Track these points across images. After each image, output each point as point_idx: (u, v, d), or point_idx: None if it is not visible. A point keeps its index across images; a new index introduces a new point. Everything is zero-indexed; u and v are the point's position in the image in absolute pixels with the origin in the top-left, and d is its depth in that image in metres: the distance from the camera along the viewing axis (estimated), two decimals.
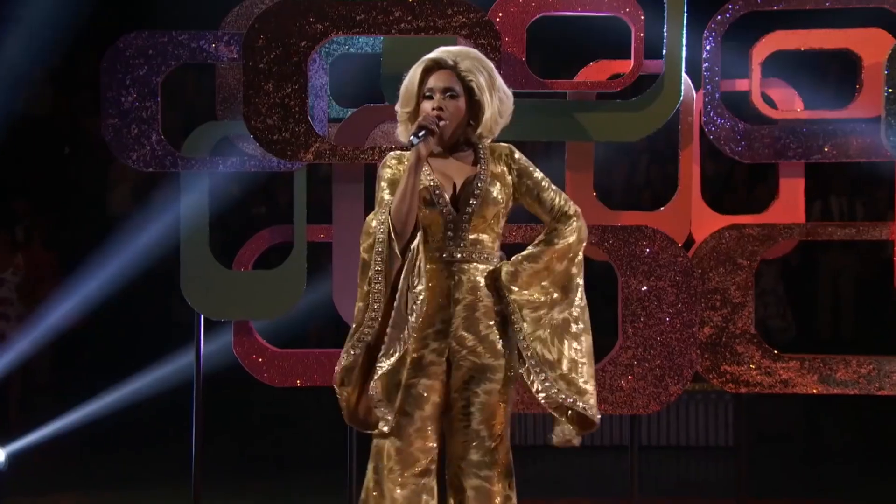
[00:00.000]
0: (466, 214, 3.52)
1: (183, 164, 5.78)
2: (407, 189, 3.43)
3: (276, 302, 5.78)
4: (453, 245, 3.51)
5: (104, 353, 8.63)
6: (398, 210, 3.43)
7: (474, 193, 3.52)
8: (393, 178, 3.51)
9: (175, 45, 5.76)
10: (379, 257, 3.42)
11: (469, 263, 3.52)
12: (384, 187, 3.50)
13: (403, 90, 3.54)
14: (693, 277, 5.71)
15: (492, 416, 3.53)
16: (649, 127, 5.79)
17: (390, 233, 3.41)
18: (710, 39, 5.82)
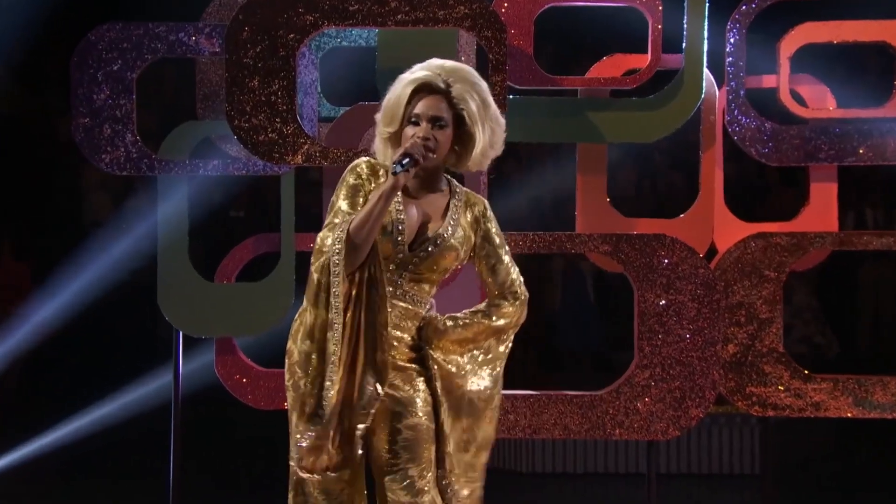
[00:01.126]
0: (418, 258, 3.51)
1: (160, 167, 5.77)
2: (373, 214, 3.40)
3: (261, 317, 5.76)
4: (390, 279, 3.49)
5: (77, 372, 8.62)
6: (358, 231, 3.41)
7: (435, 242, 3.51)
8: (356, 186, 3.48)
9: (152, 37, 5.75)
10: (337, 279, 3.39)
11: (400, 301, 3.51)
12: (343, 195, 3.48)
13: (388, 106, 3.50)
14: (716, 291, 5.69)
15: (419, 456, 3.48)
16: (668, 127, 5.77)
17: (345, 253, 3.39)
18: (735, 32, 5.80)
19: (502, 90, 5.47)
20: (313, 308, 3.44)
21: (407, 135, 3.48)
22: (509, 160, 8.63)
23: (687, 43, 5.70)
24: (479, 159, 3.54)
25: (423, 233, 3.52)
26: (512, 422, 5.66)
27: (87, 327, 8.33)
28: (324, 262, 3.41)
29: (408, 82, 3.49)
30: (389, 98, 3.50)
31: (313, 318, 3.44)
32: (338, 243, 3.40)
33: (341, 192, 3.50)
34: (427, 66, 3.53)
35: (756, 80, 5.92)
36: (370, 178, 3.51)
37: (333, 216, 3.47)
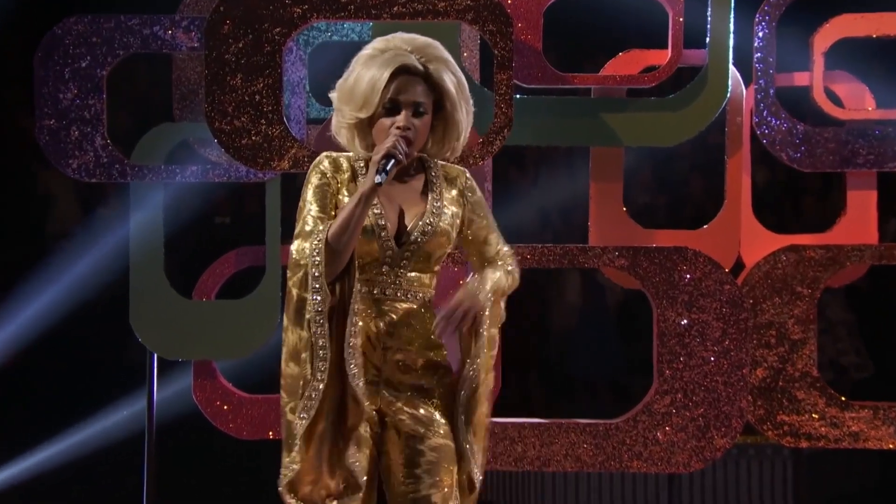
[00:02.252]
0: (409, 251, 3.49)
1: (133, 173, 5.78)
2: (353, 218, 3.36)
3: (244, 338, 5.77)
4: (387, 281, 3.49)
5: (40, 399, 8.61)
6: (337, 239, 3.39)
7: (423, 230, 3.50)
8: (322, 187, 3.46)
9: (124, 31, 5.77)
10: (318, 295, 3.36)
11: (403, 303, 3.51)
12: (311, 198, 3.45)
13: (359, 89, 3.41)
14: (743, 309, 5.70)
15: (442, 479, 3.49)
16: (690, 129, 5.79)
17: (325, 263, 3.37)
18: (764, 25, 5.82)
19: (508, 89, 5.49)
20: (295, 327, 3.43)
21: (384, 126, 3.45)
22: (516, 166, 8.64)
23: (711, 37, 5.72)
24: (458, 146, 3.55)
25: (406, 223, 3.51)
26: (519, 453, 5.67)
27: (51, 350, 8.33)
28: (302, 276, 3.40)
29: (383, 63, 3.44)
30: (359, 79, 3.44)
31: (296, 338, 3.43)
32: (316, 254, 3.39)
33: (307, 194, 3.48)
34: (396, 44, 3.49)
35: (787, 77, 5.94)
36: (335, 175, 3.49)
37: (304, 223, 3.45)
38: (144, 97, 9.13)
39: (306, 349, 3.40)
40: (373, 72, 3.47)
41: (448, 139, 3.54)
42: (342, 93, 3.52)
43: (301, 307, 3.41)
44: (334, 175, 3.51)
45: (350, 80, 3.51)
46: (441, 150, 3.55)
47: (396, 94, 3.46)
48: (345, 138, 3.54)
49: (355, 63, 3.52)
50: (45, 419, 7.85)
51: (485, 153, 5.49)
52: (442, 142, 3.55)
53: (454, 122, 3.51)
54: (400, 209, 3.51)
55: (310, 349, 3.40)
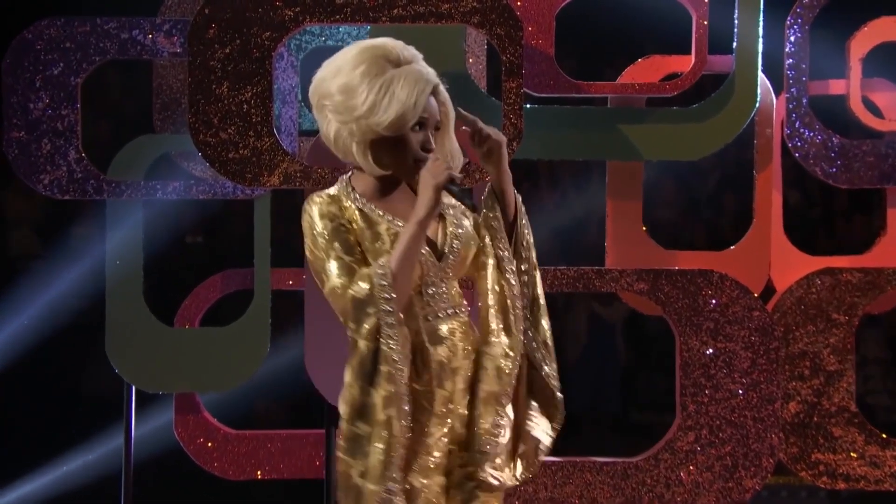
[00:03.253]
0: (447, 264, 3.56)
1: (110, 189, 5.79)
2: (415, 246, 3.43)
3: (231, 369, 5.77)
4: (434, 301, 3.55)
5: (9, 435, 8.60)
6: (404, 269, 3.43)
7: (456, 236, 3.57)
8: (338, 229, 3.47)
9: (100, 35, 5.78)
10: (395, 343, 3.41)
11: (453, 321, 3.56)
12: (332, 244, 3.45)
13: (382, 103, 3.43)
14: (774, 338, 5.69)
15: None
16: (716, 142, 5.79)
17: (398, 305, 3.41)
18: (796, 28, 5.83)
19: (518, 98, 5.50)
20: (360, 382, 3.44)
21: (413, 141, 3.51)
22: (526, 181, 8.64)
23: (738, 41, 5.73)
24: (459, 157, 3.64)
25: (438, 235, 3.58)
26: (530, 494, 5.66)
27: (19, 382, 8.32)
28: (374, 323, 3.41)
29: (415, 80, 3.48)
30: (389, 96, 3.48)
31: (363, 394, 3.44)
32: (387, 293, 3.40)
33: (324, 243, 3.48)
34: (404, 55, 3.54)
35: (821, 85, 5.94)
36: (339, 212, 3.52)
37: (337, 271, 3.45)
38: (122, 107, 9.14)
39: (390, 405, 3.41)
40: (408, 89, 3.50)
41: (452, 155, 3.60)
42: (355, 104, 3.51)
43: (376, 361, 3.43)
44: (340, 214, 3.53)
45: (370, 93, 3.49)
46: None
47: (424, 113, 3.52)
48: (357, 154, 3.53)
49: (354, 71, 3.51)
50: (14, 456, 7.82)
51: None
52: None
53: (451, 139, 3.59)
54: None
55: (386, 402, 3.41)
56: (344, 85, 3.52)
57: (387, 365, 3.42)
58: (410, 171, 3.53)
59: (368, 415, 3.44)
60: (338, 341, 5.93)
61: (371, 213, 3.53)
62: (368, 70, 3.50)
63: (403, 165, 3.52)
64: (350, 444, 3.46)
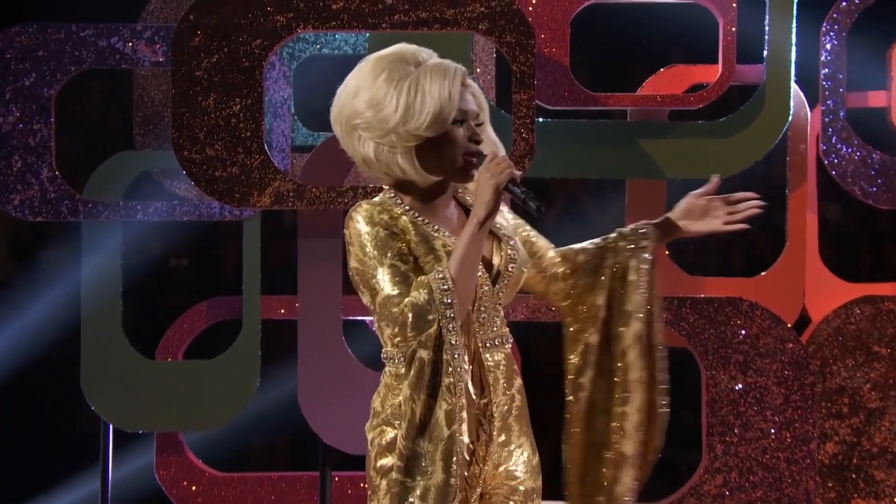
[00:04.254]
0: (504, 285, 3.56)
1: (86, 210, 5.78)
2: (470, 251, 3.42)
3: (218, 405, 5.76)
4: (484, 329, 3.55)
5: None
6: (465, 278, 3.43)
7: (512, 259, 3.57)
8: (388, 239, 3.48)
9: (76, 43, 5.78)
10: (458, 352, 3.41)
11: (500, 351, 3.57)
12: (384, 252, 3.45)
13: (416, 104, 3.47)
14: (809, 372, 5.68)
15: None
16: (745, 159, 5.79)
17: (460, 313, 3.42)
18: (832, 35, 5.83)
19: (530, 111, 5.50)
20: (428, 397, 3.42)
21: (457, 136, 3.51)
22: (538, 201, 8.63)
23: (769, 49, 5.73)
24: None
25: (487, 257, 3.57)
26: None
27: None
28: (435, 334, 3.41)
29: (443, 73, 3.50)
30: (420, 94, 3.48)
31: (426, 409, 3.43)
32: (448, 302, 3.41)
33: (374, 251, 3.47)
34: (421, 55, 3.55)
35: (860, 97, 5.94)
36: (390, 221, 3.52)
37: (392, 281, 3.45)
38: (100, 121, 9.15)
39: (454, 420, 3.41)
40: (439, 83, 3.51)
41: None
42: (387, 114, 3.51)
43: (436, 371, 3.43)
44: (391, 222, 3.51)
45: (400, 97, 3.50)
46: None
47: (463, 105, 3.53)
48: (404, 165, 3.52)
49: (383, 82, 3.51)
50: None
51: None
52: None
53: (488, 136, 3.58)
54: None
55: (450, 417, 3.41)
56: (370, 99, 3.53)
57: (449, 376, 3.42)
58: (464, 171, 3.52)
59: (431, 431, 3.43)
60: (334, 375, 5.92)
61: (424, 227, 3.52)
62: (390, 76, 3.51)
63: (454, 165, 3.51)
64: (409, 463, 3.43)
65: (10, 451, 8.51)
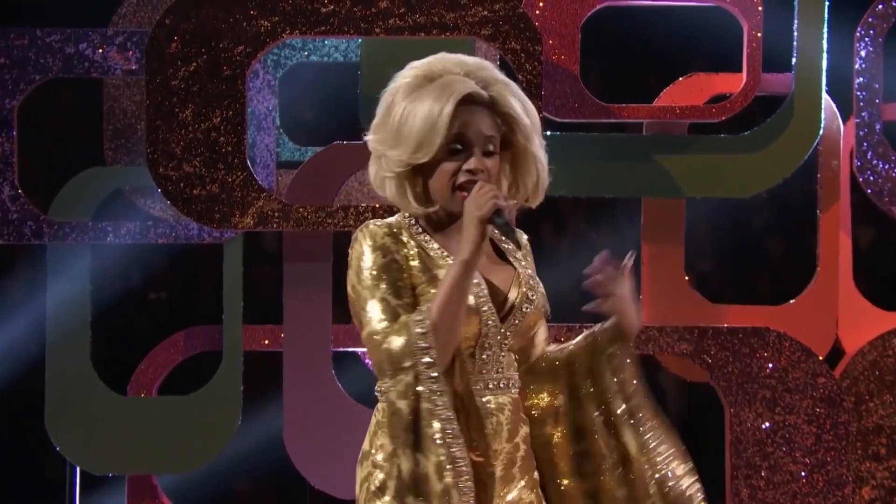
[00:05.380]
0: (514, 326, 3.56)
1: (51, 232, 5.78)
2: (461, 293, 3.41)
3: (195, 445, 5.75)
4: (487, 369, 3.56)
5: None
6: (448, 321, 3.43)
7: (527, 297, 3.57)
8: (389, 264, 3.49)
9: (41, 49, 5.79)
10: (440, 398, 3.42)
11: (504, 396, 3.57)
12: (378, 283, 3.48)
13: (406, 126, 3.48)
14: (843, 409, 5.67)
15: None
16: (772, 176, 5.79)
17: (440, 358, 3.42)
18: (868, 41, 5.84)
19: None
20: (412, 451, 3.43)
21: (447, 170, 3.50)
22: (546, 222, 8.65)
23: (798, 57, 5.74)
24: (535, 189, 3.59)
25: (501, 292, 3.57)
26: None
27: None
28: (410, 382, 3.44)
29: (442, 92, 3.49)
30: (410, 115, 3.49)
31: (412, 464, 3.43)
32: (424, 347, 3.42)
33: (369, 280, 3.49)
34: (444, 67, 3.55)
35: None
36: (395, 247, 3.54)
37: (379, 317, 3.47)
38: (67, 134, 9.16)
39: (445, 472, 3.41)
40: (429, 104, 3.50)
41: (524, 182, 3.57)
42: (384, 135, 3.53)
43: (416, 422, 3.43)
44: (396, 249, 3.53)
45: (394, 117, 3.52)
46: (513, 198, 3.60)
47: (464, 129, 3.50)
48: (393, 191, 3.55)
49: (394, 95, 3.54)
50: None
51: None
52: (516, 186, 3.58)
53: (530, 159, 3.55)
54: (483, 279, 3.56)
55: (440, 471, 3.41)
56: (379, 116, 3.56)
57: (434, 426, 3.43)
58: (457, 203, 3.52)
59: (421, 487, 3.43)
60: (323, 412, 5.92)
61: (433, 254, 3.53)
62: (404, 94, 3.53)
63: (445, 197, 3.51)
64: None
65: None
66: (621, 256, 3.77)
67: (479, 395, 3.55)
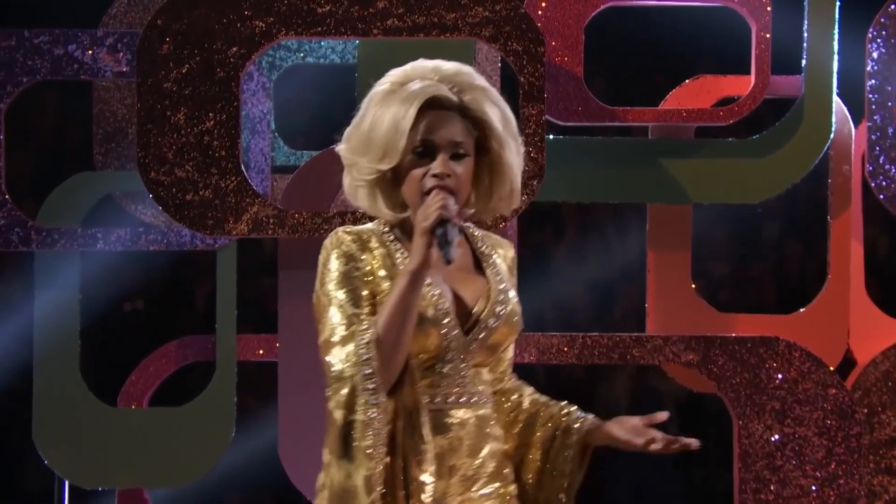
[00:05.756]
0: (478, 340, 3.57)
1: (39, 238, 5.78)
2: (407, 306, 3.43)
3: (188, 458, 5.74)
4: (447, 384, 3.56)
5: None
6: (392, 334, 3.45)
7: (495, 310, 3.57)
8: (349, 273, 3.53)
9: (28, 50, 5.79)
10: (376, 411, 3.44)
11: (466, 410, 3.57)
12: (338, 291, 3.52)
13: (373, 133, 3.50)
14: (855, 421, 5.67)
15: None
16: (781, 181, 5.79)
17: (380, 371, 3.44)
18: (880, 42, 5.83)
19: (539, 128, 5.50)
20: (342, 460, 3.49)
21: (415, 177, 3.52)
22: (548, 228, 8.65)
23: (808, 58, 5.73)
24: (508, 197, 3.60)
25: (468, 304, 3.58)
26: None
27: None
28: (349, 392, 3.46)
29: (406, 98, 3.52)
30: (376, 122, 3.51)
31: (344, 475, 3.48)
32: (366, 359, 3.45)
33: (329, 286, 3.53)
34: (417, 73, 3.57)
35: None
36: (362, 256, 3.56)
37: (335, 325, 3.50)
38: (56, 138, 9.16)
39: (373, 488, 3.44)
40: (394, 109, 3.52)
41: (497, 189, 3.58)
42: (354, 143, 3.55)
43: (348, 433, 3.47)
44: (360, 253, 3.55)
45: (364, 124, 3.55)
46: (488, 205, 3.60)
47: (428, 134, 3.52)
48: (365, 200, 3.58)
49: (368, 103, 3.57)
50: None
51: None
52: (489, 193, 3.59)
53: (504, 166, 3.55)
54: (452, 289, 3.57)
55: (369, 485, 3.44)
56: (352, 125, 3.57)
57: (366, 439, 3.45)
58: None
59: (349, 500, 3.47)
60: (319, 424, 5.90)
61: (399, 261, 3.55)
62: (376, 101, 3.56)
63: (416, 203, 3.52)
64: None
65: None
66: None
67: (437, 409, 3.55)
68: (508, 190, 3.58)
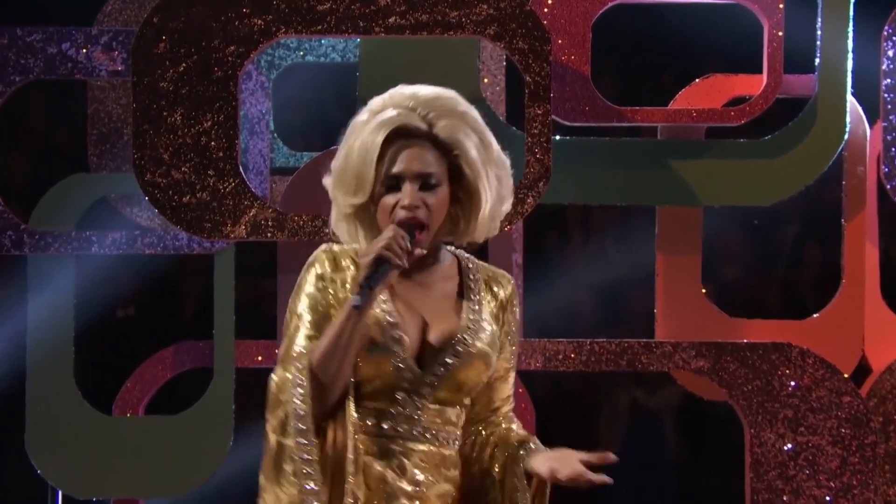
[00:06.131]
0: (435, 376, 3.56)
1: (33, 242, 5.79)
2: (342, 338, 3.44)
3: (185, 468, 5.75)
4: (402, 414, 3.56)
5: None
6: (324, 366, 3.47)
7: (455, 350, 3.56)
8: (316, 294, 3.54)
9: (21, 49, 5.79)
10: (303, 438, 3.43)
11: (420, 443, 3.57)
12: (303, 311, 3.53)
13: (347, 168, 3.51)
14: (870, 430, 5.67)
15: None
16: (794, 183, 5.79)
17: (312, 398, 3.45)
18: (895, 41, 5.83)
19: (545, 128, 5.50)
20: (273, 485, 3.50)
21: (387, 206, 3.52)
22: (553, 231, 8.65)
23: (822, 57, 5.74)
24: (486, 224, 3.59)
25: (431, 338, 3.56)
26: None
27: None
28: (282, 417, 3.48)
29: (374, 128, 3.52)
30: (348, 154, 3.53)
31: (273, 499, 3.49)
32: (299, 386, 3.46)
33: (298, 304, 3.55)
34: (393, 101, 3.57)
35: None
36: (333, 276, 3.57)
37: (290, 345, 3.52)
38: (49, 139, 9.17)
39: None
40: (361, 141, 3.53)
41: (470, 217, 3.57)
42: (334, 176, 3.57)
43: (280, 458, 3.48)
44: (332, 276, 3.56)
45: (340, 156, 3.56)
46: (460, 230, 3.60)
47: (395, 165, 3.52)
48: (345, 234, 3.60)
49: (347, 134, 3.59)
50: None
51: (513, 214, 5.49)
52: (462, 219, 3.59)
53: (477, 194, 3.55)
54: (422, 319, 3.57)
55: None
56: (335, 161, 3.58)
57: (292, 464, 3.46)
58: None
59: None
60: None
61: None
62: (354, 131, 3.56)
63: None
64: None
65: None
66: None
67: (402, 440, 3.55)
68: (485, 217, 3.56)
